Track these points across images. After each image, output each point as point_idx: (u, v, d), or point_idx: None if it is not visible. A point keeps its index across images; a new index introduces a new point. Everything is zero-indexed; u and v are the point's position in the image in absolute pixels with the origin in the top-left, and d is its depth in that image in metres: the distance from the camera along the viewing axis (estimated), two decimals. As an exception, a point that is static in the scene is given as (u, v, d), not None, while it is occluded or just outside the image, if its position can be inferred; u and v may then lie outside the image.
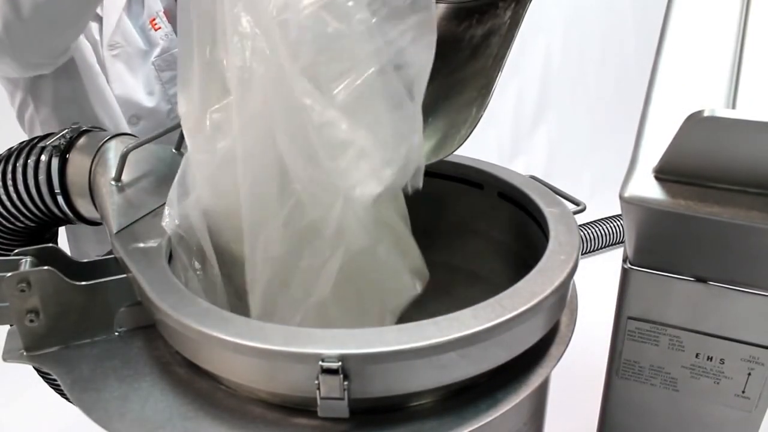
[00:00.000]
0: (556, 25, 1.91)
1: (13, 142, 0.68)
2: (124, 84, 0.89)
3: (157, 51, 0.92)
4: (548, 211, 0.58)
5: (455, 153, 0.61)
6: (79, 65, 0.83)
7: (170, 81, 0.94)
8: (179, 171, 0.54)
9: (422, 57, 0.49)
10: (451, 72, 0.64)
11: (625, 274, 0.53)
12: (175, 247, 0.54)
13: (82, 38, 0.82)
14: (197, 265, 0.55)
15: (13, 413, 1.16)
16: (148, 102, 0.92)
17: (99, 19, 0.86)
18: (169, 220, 0.53)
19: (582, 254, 1.13)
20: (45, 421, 1.10)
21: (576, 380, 0.87)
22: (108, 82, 0.87)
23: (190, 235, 0.54)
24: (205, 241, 0.54)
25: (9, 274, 0.48)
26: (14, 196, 0.63)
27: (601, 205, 1.33)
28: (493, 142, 1.93)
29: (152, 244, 0.53)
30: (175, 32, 0.95)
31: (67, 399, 0.49)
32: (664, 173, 0.47)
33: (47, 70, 0.80)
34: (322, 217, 0.50)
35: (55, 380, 0.51)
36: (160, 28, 0.92)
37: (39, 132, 0.83)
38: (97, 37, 0.87)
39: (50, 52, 0.76)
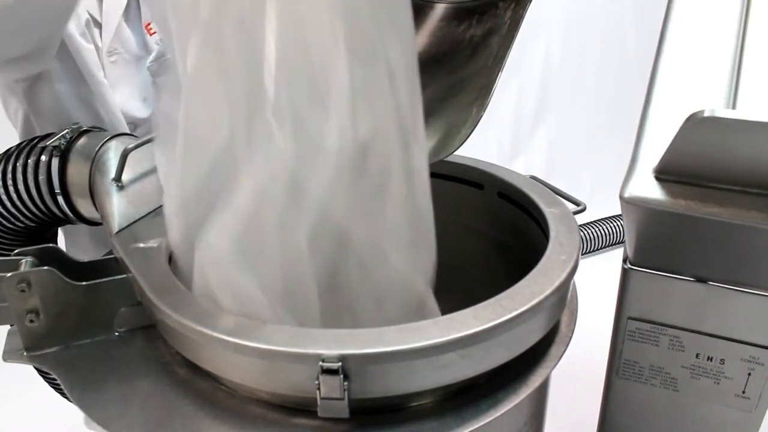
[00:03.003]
0: (556, 25, 1.91)
1: (13, 142, 0.68)
2: (121, 91, 0.89)
3: (152, 56, 0.92)
4: (548, 211, 0.58)
5: (455, 153, 0.61)
6: (82, 70, 0.83)
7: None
8: None
9: None
10: (451, 72, 0.64)
11: (625, 274, 0.53)
12: None
13: (83, 42, 0.82)
14: None
15: (13, 413, 1.16)
16: (144, 109, 0.92)
17: (99, 25, 0.86)
18: None
19: (582, 254, 1.13)
20: (45, 421, 1.09)
21: (576, 380, 0.87)
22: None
23: None
24: None
25: (9, 274, 0.48)
26: (14, 196, 0.63)
27: (601, 205, 1.33)
28: (493, 142, 1.92)
29: (152, 244, 0.53)
30: None
31: (67, 399, 0.49)
32: (664, 173, 0.47)
33: (33, 69, 0.78)
34: None
35: (55, 380, 0.51)
36: (155, 32, 0.91)
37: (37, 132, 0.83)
38: (99, 43, 0.87)
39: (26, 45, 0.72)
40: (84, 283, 0.50)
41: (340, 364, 0.39)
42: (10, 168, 0.63)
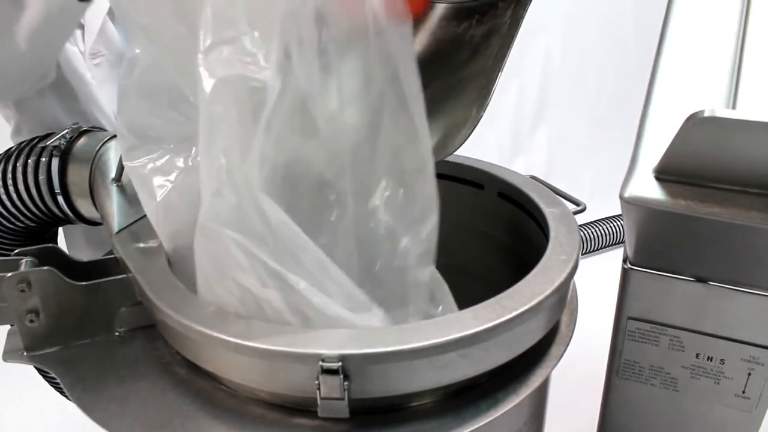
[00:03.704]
0: (556, 25, 1.91)
1: (13, 141, 0.68)
2: (107, 94, 0.88)
3: None
4: (548, 211, 0.58)
5: (455, 153, 0.61)
6: (67, 74, 0.82)
7: None
8: None
9: None
10: (451, 72, 0.64)
11: (625, 274, 0.53)
12: None
13: (68, 46, 0.81)
14: None
15: (13, 413, 1.16)
16: None
17: (81, 27, 0.85)
18: None
19: (582, 254, 1.13)
20: (45, 421, 1.10)
21: (576, 380, 0.87)
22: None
23: None
24: None
25: (9, 274, 0.48)
26: (14, 196, 0.63)
27: (601, 205, 1.33)
28: (493, 142, 1.92)
29: (152, 244, 0.53)
30: None
31: (67, 399, 0.49)
32: (664, 173, 0.47)
33: (31, 92, 0.78)
34: None
35: (55, 380, 0.51)
36: None
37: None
38: (80, 46, 0.85)
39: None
40: (84, 283, 0.50)
41: (340, 364, 0.39)
42: (10, 168, 0.63)
